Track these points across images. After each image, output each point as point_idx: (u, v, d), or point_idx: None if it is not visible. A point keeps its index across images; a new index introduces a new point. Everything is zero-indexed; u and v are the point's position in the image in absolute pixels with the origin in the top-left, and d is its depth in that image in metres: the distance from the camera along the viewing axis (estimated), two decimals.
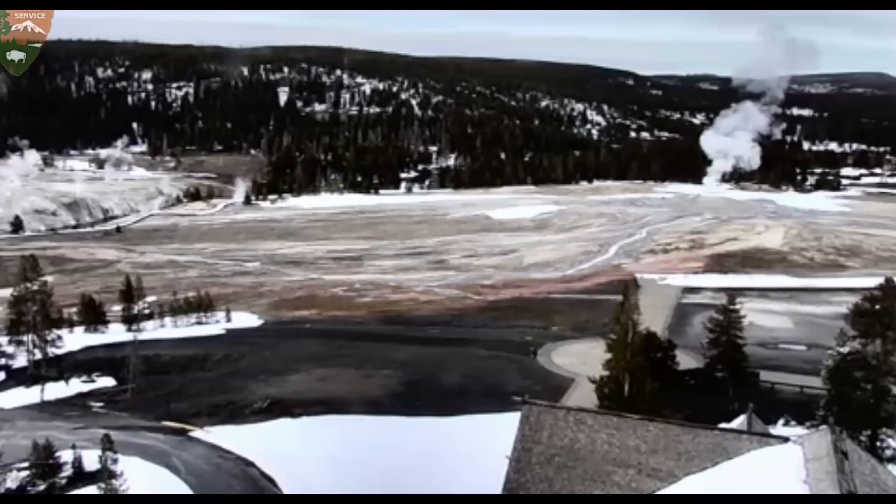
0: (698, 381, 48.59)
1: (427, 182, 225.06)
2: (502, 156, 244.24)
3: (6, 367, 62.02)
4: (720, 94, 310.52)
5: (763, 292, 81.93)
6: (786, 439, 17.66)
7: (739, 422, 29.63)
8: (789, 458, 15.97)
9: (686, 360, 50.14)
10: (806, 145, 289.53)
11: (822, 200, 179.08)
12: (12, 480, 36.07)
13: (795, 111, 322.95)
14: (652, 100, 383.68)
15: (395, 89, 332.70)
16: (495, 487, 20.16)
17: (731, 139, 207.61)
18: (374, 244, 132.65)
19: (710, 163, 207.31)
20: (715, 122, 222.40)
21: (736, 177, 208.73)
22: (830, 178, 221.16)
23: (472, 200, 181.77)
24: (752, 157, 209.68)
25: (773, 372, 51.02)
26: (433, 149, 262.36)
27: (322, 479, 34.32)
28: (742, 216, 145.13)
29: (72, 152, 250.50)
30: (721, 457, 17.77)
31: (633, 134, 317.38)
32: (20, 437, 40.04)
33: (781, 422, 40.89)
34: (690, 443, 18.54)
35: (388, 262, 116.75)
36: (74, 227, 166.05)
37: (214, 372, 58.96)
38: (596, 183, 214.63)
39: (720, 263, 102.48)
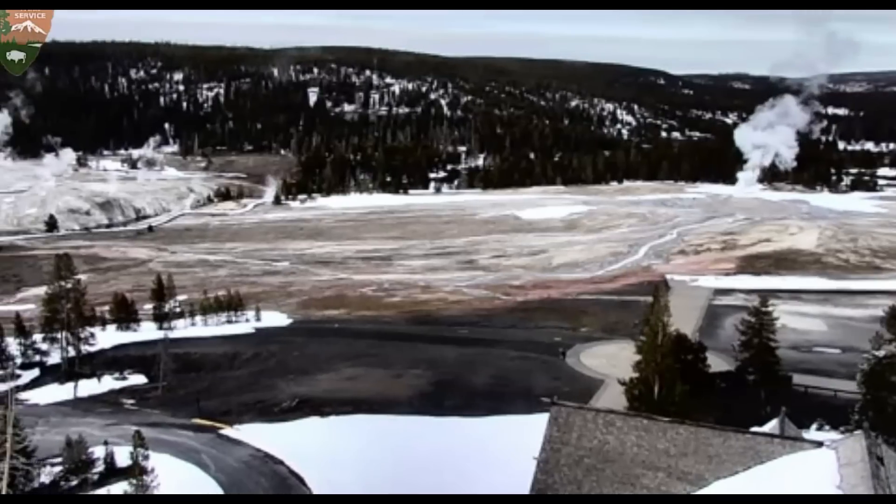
0: (729, 384, 47.94)
1: (456, 182, 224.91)
2: (532, 156, 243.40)
3: (41, 364, 63.03)
4: (753, 93, 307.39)
5: (796, 294, 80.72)
6: (819, 444, 17.39)
7: (771, 426, 29.17)
8: (823, 462, 15.72)
9: (717, 363, 49.52)
10: (841, 145, 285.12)
11: (857, 201, 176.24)
12: (46, 475, 36.69)
13: (831, 110, 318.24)
14: (683, 99, 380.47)
15: (424, 89, 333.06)
16: (523, 488, 20.07)
17: (769, 134, 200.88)
18: (403, 244, 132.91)
19: (743, 162, 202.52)
20: (751, 117, 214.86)
21: (769, 177, 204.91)
22: (866, 178, 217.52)
23: (501, 200, 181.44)
24: (789, 154, 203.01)
25: (806, 375, 50.23)
26: (462, 149, 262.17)
27: (350, 477, 34.43)
28: (775, 217, 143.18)
29: (105, 152, 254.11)
30: (753, 461, 17.53)
31: (663, 134, 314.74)
32: (54, 432, 40.68)
33: (815, 426, 40.20)
34: (721, 446, 18.30)
35: (416, 262, 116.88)
36: (108, 226, 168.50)
37: (244, 370, 59.45)
38: (626, 183, 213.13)
39: (752, 265, 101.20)
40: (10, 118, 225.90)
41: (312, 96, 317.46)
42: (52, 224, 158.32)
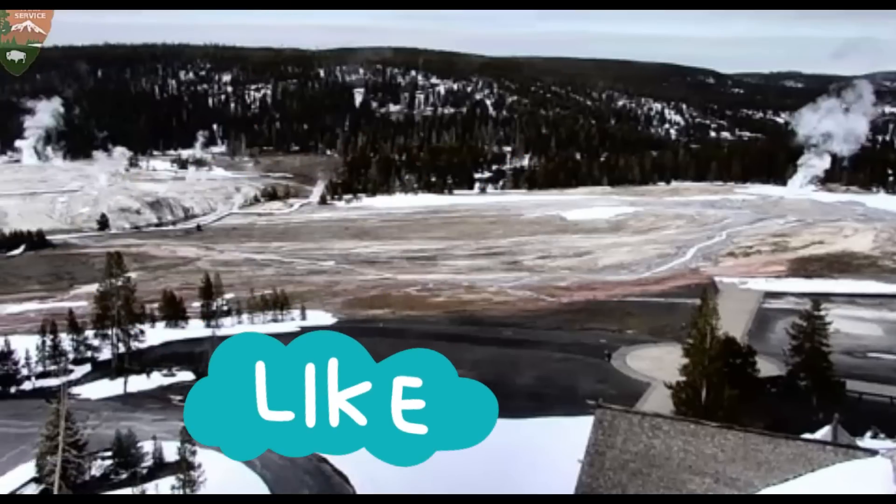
0: (780, 390, 47.11)
1: (501, 182, 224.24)
2: (577, 156, 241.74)
3: (92, 360, 64.35)
4: (805, 92, 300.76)
5: (851, 298, 78.88)
6: (874, 452, 16.88)
7: (824, 433, 28.52)
8: (877, 471, 15.23)
9: (767, 368, 48.63)
10: None
11: None
12: (97, 468, 37.54)
13: (887, 109, 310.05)
14: (733, 98, 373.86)
15: (469, 90, 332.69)
16: (567, 490, 19.89)
17: (836, 120, 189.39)
18: (448, 244, 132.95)
19: (796, 159, 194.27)
20: (814, 104, 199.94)
21: (823, 177, 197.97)
22: None
23: (546, 201, 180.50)
24: (849, 147, 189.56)
25: (860, 381, 48.97)
26: (507, 149, 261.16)
27: (393, 476, 34.39)
28: (828, 219, 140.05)
29: (154, 153, 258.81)
30: (803, 468, 17.08)
31: (712, 133, 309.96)
32: (104, 427, 41.46)
33: (869, 434, 39.23)
34: (771, 453, 17.87)
35: (461, 263, 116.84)
36: (157, 225, 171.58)
37: None
38: (674, 184, 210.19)
39: (804, 267, 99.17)
40: (63, 109, 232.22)
41: (358, 97, 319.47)
42: (103, 223, 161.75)
